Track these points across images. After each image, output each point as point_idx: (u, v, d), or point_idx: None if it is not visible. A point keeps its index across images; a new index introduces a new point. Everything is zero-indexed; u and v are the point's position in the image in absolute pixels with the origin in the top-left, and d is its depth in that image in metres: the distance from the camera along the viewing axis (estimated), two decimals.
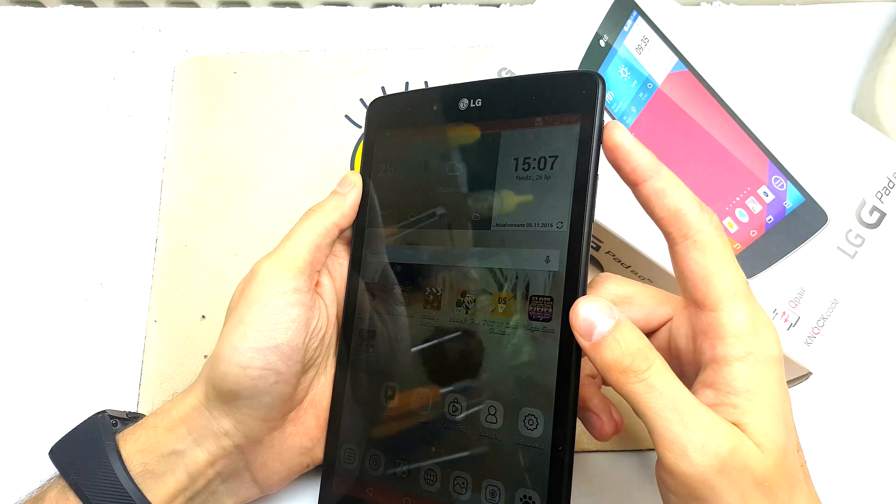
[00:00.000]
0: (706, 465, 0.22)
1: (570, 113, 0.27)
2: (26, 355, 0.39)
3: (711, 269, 0.24)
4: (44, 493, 0.29)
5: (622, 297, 0.28)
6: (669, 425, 0.23)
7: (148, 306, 0.39)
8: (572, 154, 0.26)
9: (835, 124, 0.35)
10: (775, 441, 0.23)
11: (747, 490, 0.23)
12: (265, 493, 0.33)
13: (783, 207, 0.34)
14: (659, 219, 0.25)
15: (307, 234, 0.31)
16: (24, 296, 0.40)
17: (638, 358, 0.23)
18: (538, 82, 0.28)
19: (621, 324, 0.24)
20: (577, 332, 0.24)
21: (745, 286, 0.25)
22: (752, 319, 0.24)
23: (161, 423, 0.30)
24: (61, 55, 0.45)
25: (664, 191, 0.25)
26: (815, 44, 0.46)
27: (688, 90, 0.36)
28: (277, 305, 0.29)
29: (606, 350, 0.24)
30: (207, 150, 0.43)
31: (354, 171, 0.33)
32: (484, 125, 0.29)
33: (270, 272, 0.30)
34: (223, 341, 0.29)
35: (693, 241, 0.25)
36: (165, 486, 0.29)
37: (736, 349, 0.24)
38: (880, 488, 0.37)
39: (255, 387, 0.29)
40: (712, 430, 0.23)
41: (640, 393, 0.23)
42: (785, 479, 0.24)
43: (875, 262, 0.34)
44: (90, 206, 0.42)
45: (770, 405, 0.24)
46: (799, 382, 0.35)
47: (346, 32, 0.46)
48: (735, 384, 0.24)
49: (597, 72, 0.27)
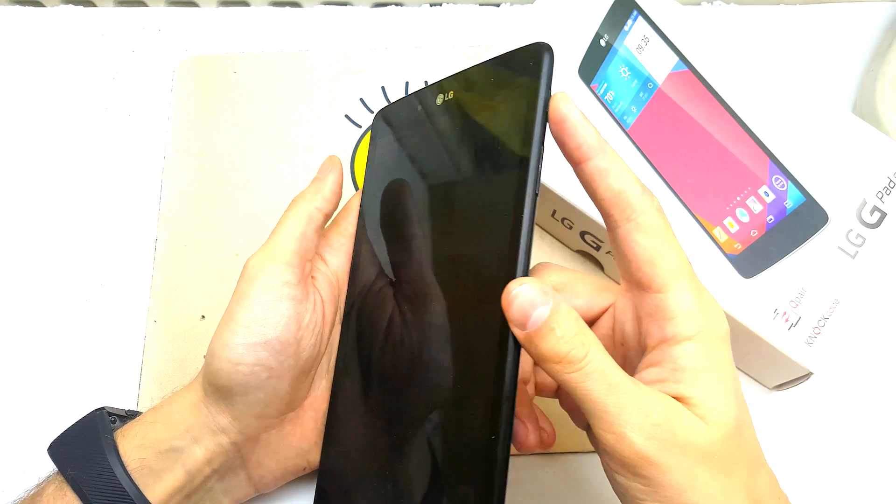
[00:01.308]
0: (644, 443, 0.22)
1: (519, 88, 0.25)
2: (26, 355, 0.39)
3: (656, 251, 0.24)
4: (42, 489, 0.29)
5: (561, 284, 0.27)
6: (606, 409, 0.22)
7: (148, 306, 0.39)
8: (518, 130, 0.25)
9: (835, 124, 0.35)
10: (724, 413, 0.23)
11: (693, 465, 0.22)
12: (260, 492, 0.33)
13: (784, 207, 0.34)
14: (601, 199, 0.24)
15: (291, 225, 0.31)
16: (24, 295, 0.40)
17: (575, 346, 0.22)
18: (494, 64, 0.27)
19: (558, 309, 0.22)
20: (511, 320, 0.23)
21: (689, 266, 0.24)
22: (699, 299, 0.24)
23: (159, 419, 0.30)
24: (61, 55, 0.45)
25: (608, 170, 0.24)
26: (815, 44, 0.46)
27: (688, 90, 0.36)
28: (266, 300, 0.29)
29: (542, 340, 0.22)
30: (207, 149, 0.43)
31: (336, 157, 0.33)
32: (454, 118, 0.29)
33: (258, 267, 0.30)
34: (215, 338, 0.29)
35: (636, 223, 0.24)
36: (163, 484, 0.29)
37: (685, 328, 0.23)
38: (880, 488, 0.37)
39: (247, 383, 0.29)
40: (648, 408, 0.22)
41: (576, 381, 0.22)
42: (741, 454, 0.23)
43: (876, 261, 0.34)
44: (90, 205, 0.42)
45: (718, 380, 0.23)
46: (799, 382, 0.35)
47: (346, 32, 0.46)
48: (681, 362, 0.23)
49: (544, 42, 0.25)
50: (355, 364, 0.31)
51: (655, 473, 0.22)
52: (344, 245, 0.33)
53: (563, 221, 0.38)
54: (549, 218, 0.38)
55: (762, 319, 0.33)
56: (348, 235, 0.33)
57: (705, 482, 0.22)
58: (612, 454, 0.22)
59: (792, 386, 0.35)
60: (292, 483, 0.34)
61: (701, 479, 0.22)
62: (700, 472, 0.22)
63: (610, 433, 0.22)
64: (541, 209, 0.39)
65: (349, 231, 0.33)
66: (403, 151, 0.32)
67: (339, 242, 0.33)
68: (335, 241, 0.33)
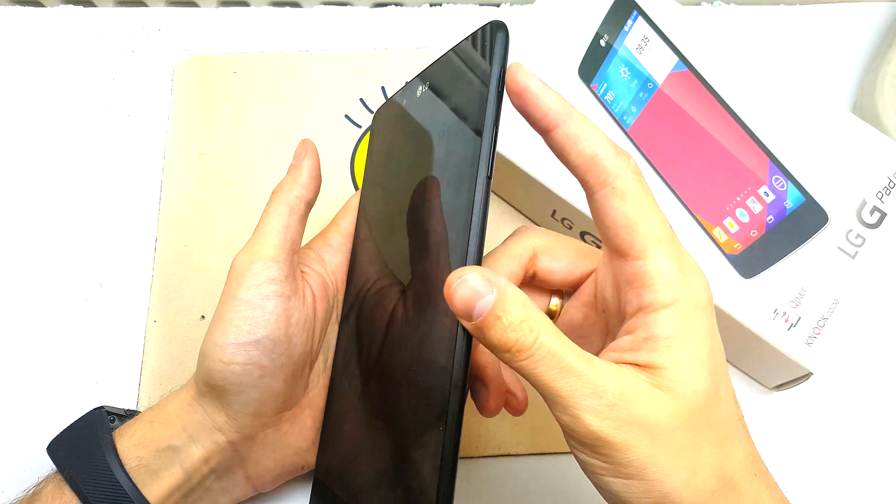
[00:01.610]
0: (599, 424, 0.21)
1: (477, 69, 0.25)
2: (26, 355, 0.39)
3: (633, 216, 0.23)
4: (41, 488, 0.29)
5: (542, 247, 0.27)
6: (559, 392, 0.21)
7: (147, 306, 0.39)
8: (473, 111, 0.24)
9: (835, 124, 0.35)
10: (692, 386, 0.22)
11: (654, 442, 0.22)
12: (258, 491, 0.33)
13: (784, 207, 0.34)
14: (574, 166, 0.23)
15: (273, 218, 0.30)
16: (24, 296, 0.40)
17: (523, 332, 0.21)
18: (457, 50, 0.27)
19: (503, 296, 0.21)
20: (456, 312, 0.22)
21: (670, 230, 0.23)
22: (679, 265, 0.23)
23: (157, 418, 0.30)
24: (61, 55, 0.45)
25: (577, 136, 0.23)
26: (815, 44, 0.46)
27: (688, 90, 0.36)
28: (252, 299, 0.29)
29: (490, 330, 0.21)
30: (207, 149, 0.43)
31: (309, 140, 0.33)
32: (430, 108, 0.29)
33: (243, 264, 0.30)
34: (206, 339, 0.29)
35: (612, 187, 0.23)
36: (161, 483, 0.29)
37: (662, 296, 0.22)
38: (880, 488, 0.37)
39: (240, 382, 0.29)
40: (602, 389, 0.21)
41: (528, 368, 0.21)
42: (713, 428, 0.22)
43: (876, 262, 0.34)
44: (90, 206, 0.42)
45: (691, 350, 0.22)
46: (799, 382, 0.35)
47: (346, 32, 0.46)
48: (655, 330, 0.22)
49: (498, 20, 0.25)
50: (353, 363, 0.31)
51: (613, 452, 0.21)
52: (343, 244, 0.33)
53: (563, 221, 0.38)
54: (549, 218, 0.38)
55: (762, 319, 0.33)
56: (347, 234, 0.33)
57: (668, 459, 0.22)
58: (570, 434, 0.22)
59: (792, 386, 0.35)
60: (290, 482, 0.34)
61: (664, 456, 0.22)
62: (661, 449, 0.22)
63: (565, 415, 0.21)
64: (541, 209, 0.39)
65: (349, 230, 0.33)
66: (393, 148, 0.32)
67: (339, 242, 0.33)
68: (334, 241, 0.33)
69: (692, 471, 0.22)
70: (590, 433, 0.21)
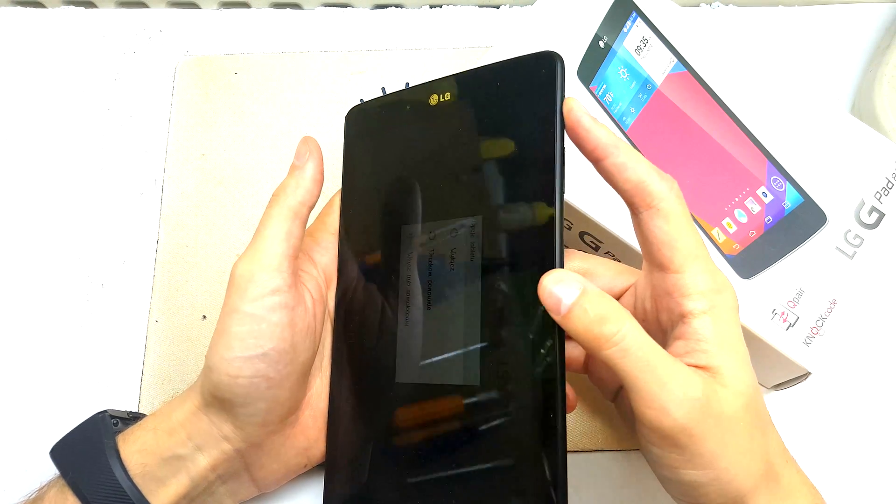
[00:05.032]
0: (686, 417, 0.24)
1: (533, 95, 0.27)
2: (27, 355, 0.39)
3: (674, 234, 0.26)
4: (43, 493, 0.29)
5: (583, 270, 0.30)
6: (647, 385, 0.24)
7: (149, 306, 0.40)
8: (538, 135, 0.27)
9: (834, 125, 0.35)
10: (744, 381, 0.25)
11: (724, 433, 0.24)
12: (262, 491, 0.33)
13: (782, 208, 0.34)
14: (623, 191, 0.26)
15: (275, 224, 0.30)
16: (26, 296, 0.40)
17: (607, 322, 0.24)
18: (501, 69, 0.29)
19: (587, 292, 0.25)
20: (547, 306, 0.25)
21: (704, 249, 0.26)
22: (713, 278, 0.26)
23: (161, 426, 0.30)
24: (62, 56, 0.46)
25: (625, 164, 0.26)
26: (813, 45, 0.46)
27: (687, 91, 0.36)
28: (257, 312, 0.29)
29: (575, 319, 0.24)
30: (208, 150, 0.43)
31: (312, 138, 0.32)
32: (454, 119, 0.30)
33: (245, 275, 0.29)
34: (212, 351, 0.29)
35: (657, 209, 0.26)
36: (167, 491, 0.29)
37: (702, 304, 0.25)
38: (880, 488, 0.37)
39: (248, 394, 0.29)
40: (687, 384, 0.24)
41: (616, 357, 0.24)
42: (758, 419, 0.26)
43: (874, 262, 0.34)
44: (91, 206, 0.42)
45: (735, 351, 0.25)
46: (798, 382, 0.35)
47: (346, 33, 0.46)
48: (704, 333, 0.25)
49: (554, 51, 0.27)
50: (357, 357, 0.31)
51: (692, 444, 0.24)
52: (332, 242, 0.33)
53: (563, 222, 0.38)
54: None
55: (760, 319, 0.33)
56: (334, 232, 0.33)
57: (734, 448, 0.24)
58: (652, 427, 0.24)
59: (790, 386, 0.35)
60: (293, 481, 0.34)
61: (731, 446, 0.24)
62: (730, 440, 0.24)
63: (651, 409, 0.24)
64: None
65: (335, 227, 0.33)
66: (392, 149, 0.32)
67: (328, 241, 0.33)
68: (323, 240, 0.33)
69: (749, 458, 0.25)
70: (676, 425, 0.24)
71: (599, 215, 0.34)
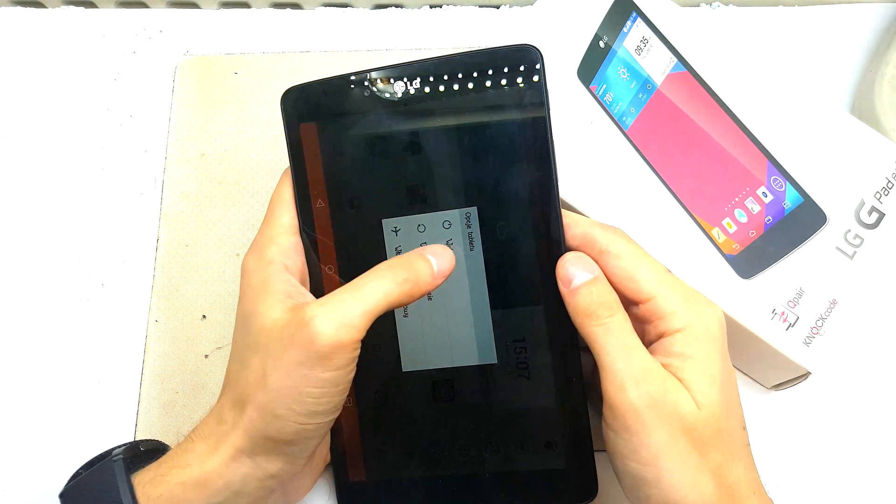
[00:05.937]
0: (639, 398, 0.25)
1: (517, 87, 0.29)
2: (27, 355, 0.39)
3: (631, 268, 0.28)
4: None
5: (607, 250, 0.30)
6: (615, 362, 0.26)
7: (149, 306, 0.40)
8: (525, 126, 0.29)
9: (834, 125, 0.35)
10: (709, 398, 0.26)
11: (675, 432, 0.25)
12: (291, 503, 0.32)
13: (782, 208, 0.34)
14: (574, 248, 0.29)
15: (372, 282, 0.27)
16: (25, 296, 0.40)
17: (604, 307, 0.27)
18: (475, 58, 0.30)
19: (598, 280, 0.27)
20: (559, 278, 0.28)
21: (666, 272, 0.28)
22: (685, 297, 0.27)
23: (189, 479, 0.27)
24: (62, 56, 0.46)
25: (567, 225, 0.29)
26: (813, 45, 0.46)
27: (687, 91, 0.36)
28: (336, 378, 0.27)
29: (579, 296, 0.27)
30: (208, 150, 0.43)
31: None
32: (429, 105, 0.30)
33: (327, 337, 0.26)
34: (274, 398, 0.26)
35: (607, 252, 0.28)
36: None
37: (673, 323, 0.27)
38: (880, 488, 0.37)
39: (312, 436, 0.28)
40: (651, 371, 0.26)
41: (598, 334, 0.26)
42: (720, 440, 0.26)
43: (874, 262, 0.34)
44: (91, 206, 0.42)
45: (703, 369, 0.26)
46: (798, 382, 0.35)
47: (346, 33, 0.46)
48: (673, 349, 0.27)
49: (531, 44, 0.29)
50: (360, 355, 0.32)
51: (641, 431, 0.25)
52: (297, 242, 0.31)
53: None
54: None
55: (760, 320, 0.33)
56: (293, 230, 0.31)
57: (679, 453, 0.25)
58: (610, 403, 0.26)
59: (790, 386, 0.35)
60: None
61: (676, 448, 0.25)
62: (680, 444, 0.25)
63: (612, 385, 0.26)
64: None
65: (293, 224, 0.31)
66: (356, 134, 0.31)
67: (290, 241, 0.30)
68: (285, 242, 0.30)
69: (696, 471, 0.25)
70: (628, 403, 0.25)
71: (592, 210, 0.34)
